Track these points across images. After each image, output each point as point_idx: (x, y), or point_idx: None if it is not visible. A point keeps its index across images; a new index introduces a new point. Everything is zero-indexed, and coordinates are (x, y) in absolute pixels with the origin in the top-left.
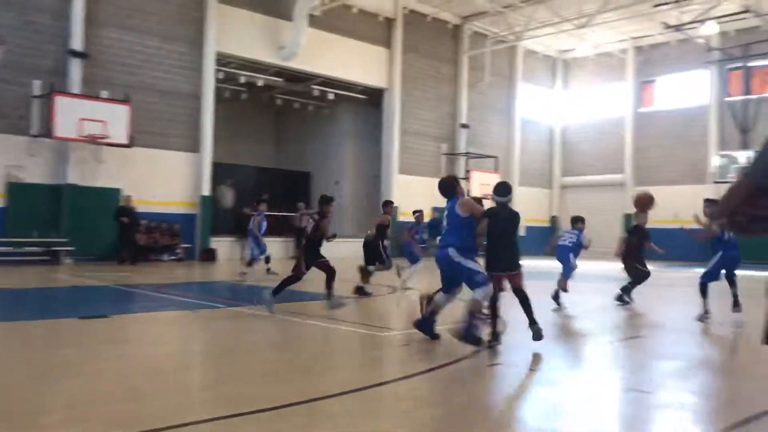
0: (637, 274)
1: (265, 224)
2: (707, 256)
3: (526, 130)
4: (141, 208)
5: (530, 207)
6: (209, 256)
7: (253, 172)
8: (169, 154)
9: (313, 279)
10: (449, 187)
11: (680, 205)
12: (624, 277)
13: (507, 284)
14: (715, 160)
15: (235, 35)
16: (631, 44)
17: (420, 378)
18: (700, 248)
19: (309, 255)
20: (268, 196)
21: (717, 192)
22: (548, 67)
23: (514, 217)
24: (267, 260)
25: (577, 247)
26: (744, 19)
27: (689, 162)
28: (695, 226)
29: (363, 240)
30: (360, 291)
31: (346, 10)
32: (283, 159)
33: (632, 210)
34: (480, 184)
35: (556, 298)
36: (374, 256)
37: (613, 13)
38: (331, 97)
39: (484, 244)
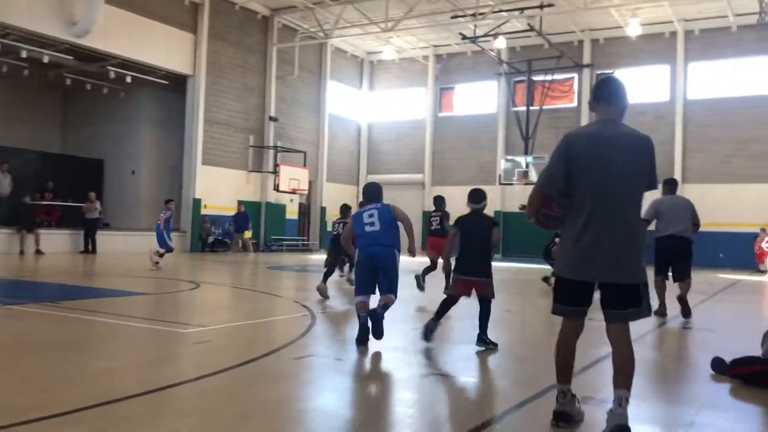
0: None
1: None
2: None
3: (334, 127)
4: None
5: (338, 203)
6: None
7: (35, 158)
8: None
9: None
10: (378, 192)
11: None
12: None
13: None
14: (502, 164)
15: (16, 3)
16: (432, 52)
17: (224, 375)
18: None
19: (339, 251)
20: (52, 185)
21: (503, 193)
22: (356, 67)
23: (486, 223)
24: (161, 255)
25: None
26: (528, 37)
27: (480, 164)
28: None
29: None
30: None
31: None
32: (72, 144)
33: (431, 208)
34: (289, 179)
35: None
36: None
37: (416, 20)
38: (128, 80)
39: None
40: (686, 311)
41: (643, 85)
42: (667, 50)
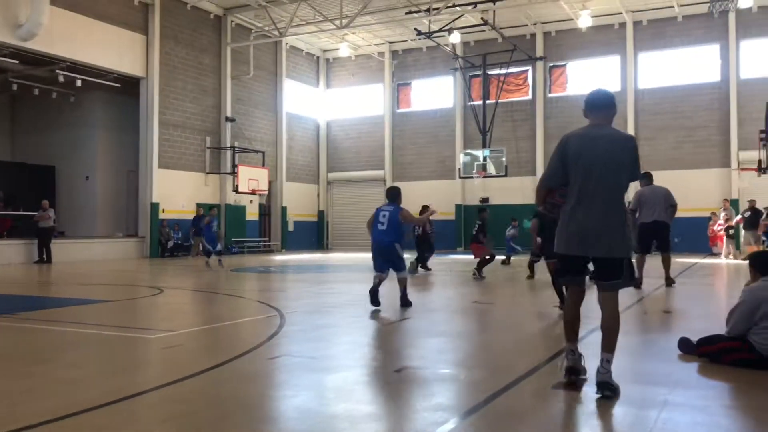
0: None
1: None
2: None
3: (292, 126)
4: None
5: (298, 202)
6: None
7: None
8: None
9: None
10: (395, 194)
11: (432, 199)
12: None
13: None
14: (461, 158)
15: None
16: (388, 48)
17: (197, 378)
18: (446, 238)
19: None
20: (2, 194)
21: (463, 186)
22: (312, 65)
23: None
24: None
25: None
26: (482, 31)
27: (440, 159)
28: None
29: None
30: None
31: None
32: (22, 151)
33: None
34: (248, 179)
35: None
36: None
37: (371, 17)
38: (78, 83)
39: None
40: (669, 281)
41: (595, 76)
42: (617, 41)
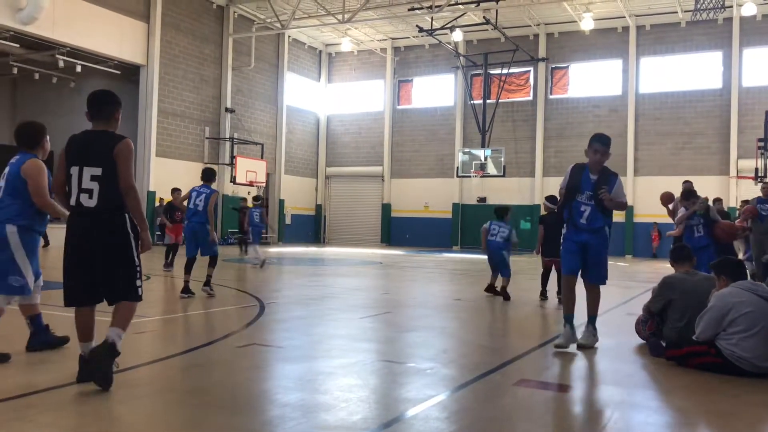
0: None
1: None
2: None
3: (292, 119)
4: None
5: (296, 195)
6: None
7: None
8: None
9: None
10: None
11: (430, 197)
12: None
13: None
14: (460, 156)
15: None
16: (390, 44)
17: (161, 363)
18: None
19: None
20: None
21: (461, 185)
22: (314, 58)
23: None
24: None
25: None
26: (485, 30)
27: (438, 157)
28: None
29: None
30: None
31: None
32: None
33: (389, 201)
34: (246, 171)
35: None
36: None
37: (374, 12)
38: (78, 69)
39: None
40: None
41: (596, 79)
42: (620, 45)
